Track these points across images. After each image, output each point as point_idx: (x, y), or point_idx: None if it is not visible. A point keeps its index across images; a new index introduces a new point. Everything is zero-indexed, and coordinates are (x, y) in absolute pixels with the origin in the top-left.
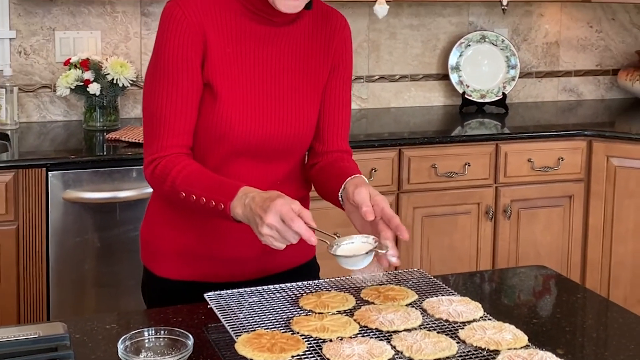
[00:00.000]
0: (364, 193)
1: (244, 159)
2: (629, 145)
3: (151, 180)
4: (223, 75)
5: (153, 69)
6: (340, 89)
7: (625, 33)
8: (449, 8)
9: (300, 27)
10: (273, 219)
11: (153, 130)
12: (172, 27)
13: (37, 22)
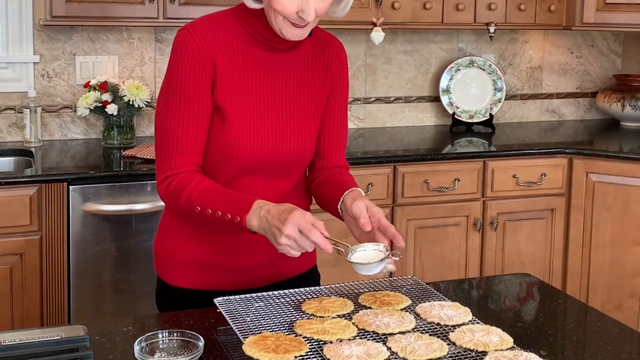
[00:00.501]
0: (362, 206)
1: (251, 175)
2: (607, 162)
3: (165, 196)
4: (231, 98)
5: (165, 92)
6: (338, 110)
7: (603, 58)
8: (440, 35)
9: (301, 53)
10: (291, 230)
11: (166, 149)
12: (184, 53)
13: (59, 47)
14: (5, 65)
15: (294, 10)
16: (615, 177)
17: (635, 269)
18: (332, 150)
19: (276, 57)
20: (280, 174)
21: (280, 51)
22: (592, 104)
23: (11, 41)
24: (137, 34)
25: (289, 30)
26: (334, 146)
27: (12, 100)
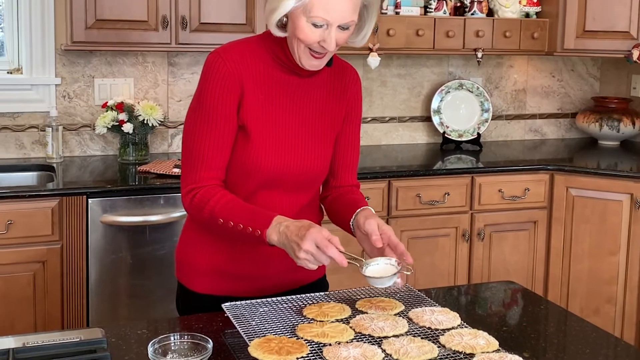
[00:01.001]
0: (374, 224)
1: (270, 190)
2: (585, 178)
3: (190, 207)
4: (255, 118)
5: (194, 110)
6: (351, 133)
7: (583, 82)
8: (432, 60)
9: (321, 79)
10: (309, 246)
11: (192, 163)
12: (214, 75)
13: (79, 70)
14: (29, 87)
15: (316, 40)
16: (593, 192)
17: (612, 276)
18: (345, 170)
19: (298, 81)
20: (296, 189)
21: (302, 76)
22: (572, 124)
23: (34, 65)
24: (151, 58)
25: (308, 60)
26: (346, 166)
27: (36, 119)
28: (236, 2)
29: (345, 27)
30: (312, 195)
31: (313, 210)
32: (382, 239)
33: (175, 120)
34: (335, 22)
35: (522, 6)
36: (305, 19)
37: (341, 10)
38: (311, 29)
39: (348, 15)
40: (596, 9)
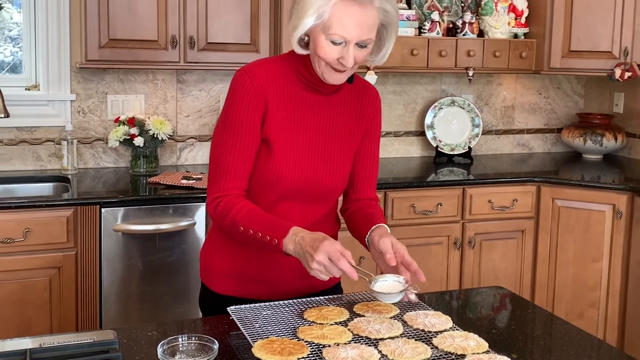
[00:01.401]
0: (388, 242)
1: (290, 201)
2: (570, 189)
3: (214, 214)
4: (278, 133)
5: (222, 124)
6: (370, 149)
7: (568, 99)
8: (426, 78)
9: (342, 97)
10: (322, 257)
11: (217, 173)
12: (241, 92)
13: (92, 87)
14: (46, 102)
15: (335, 57)
16: (578, 203)
17: (595, 282)
18: (364, 183)
19: (320, 99)
20: (315, 201)
21: (324, 94)
22: (557, 139)
23: (51, 82)
24: (161, 76)
25: (330, 74)
26: (365, 180)
27: (52, 133)
28: (241, 23)
29: (363, 45)
30: (329, 207)
31: (330, 221)
32: (396, 257)
33: (183, 135)
34: (353, 39)
35: (511, 27)
36: (325, 36)
37: (358, 29)
38: (330, 47)
39: (365, 33)
40: (580, 30)
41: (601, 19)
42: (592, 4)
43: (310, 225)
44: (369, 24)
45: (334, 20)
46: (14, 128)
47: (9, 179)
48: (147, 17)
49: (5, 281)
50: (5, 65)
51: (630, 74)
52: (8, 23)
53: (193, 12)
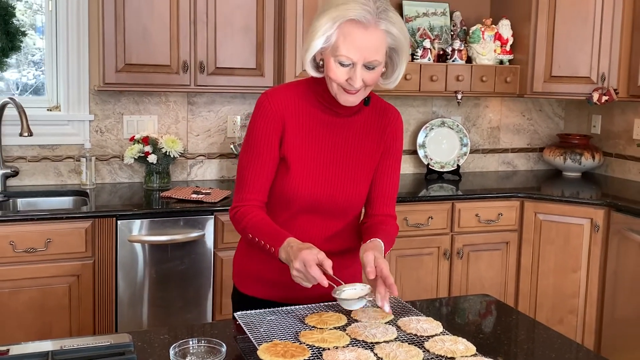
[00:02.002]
0: (370, 257)
1: (308, 215)
2: (551, 204)
3: (232, 220)
4: (295, 152)
5: (245, 142)
6: (388, 167)
7: (549, 120)
8: (418, 100)
9: (360, 119)
10: (298, 265)
11: (239, 186)
12: (261, 113)
13: (109, 108)
14: (67, 122)
15: (344, 78)
16: (558, 217)
17: (574, 291)
18: (380, 200)
19: (338, 120)
20: (333, 216)
21: (342, 116)
22: (539, 157)
23: (71, 103)
24: (173, 98)
25: (342, 96)
26: (381, 197)
27: (72, 150)
28: (247, 49)
29: (371, 66)
30: (347, 222)
31: (349, 235)
32: (376, 271)
33: (193, 152)
34: (359, 61)
35: (497, 54)
36: (333, 58)
37: (364, 50)
38: (339, 68)
39: (370, 54)
40: (561, 57)
41: (580, 47)
42: (572, 33)
43: (328, 238)
44: (374, 46)
45: (340, 42)
46: (37, 146)
47: (32, 192)
48: (161, 43)
49: (28, 288)
50: (29, 87)
51: (607, 97)
52: (31, 49)
53: (203, 39)
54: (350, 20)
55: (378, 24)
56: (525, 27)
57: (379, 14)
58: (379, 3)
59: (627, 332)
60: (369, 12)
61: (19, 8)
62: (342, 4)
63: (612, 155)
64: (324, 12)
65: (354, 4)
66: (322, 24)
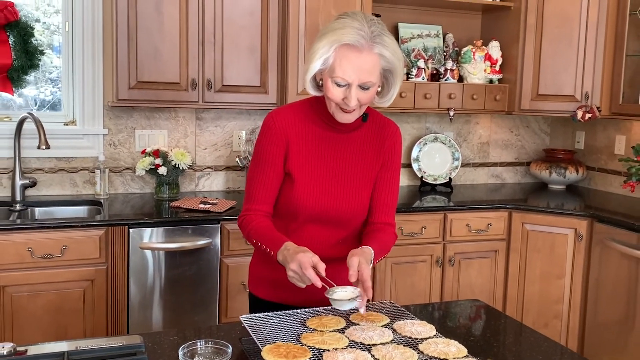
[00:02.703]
0: (355, 261)
1: (314, 224)
2: (537, 215)
3: (240, 226)
4: (299, 167)
5: (253, 158)
6: (387, 179)
7: (536, 136)
8: (412, 117)
9: (360, 135)
10: (294, 266)
11: (247, 197)
12: (267, 132)
13: (122, 123)
14: (82, 136)
15: (340, 97)
16: (544, 227)
17: (558, 297)
18: (379, 208)
19: (338, 136)
20: (335, 225)
21: (342, 132)
22: (526, 171)
23: (86, 118)
24: (182, 114)
25: (339, 114)
26: (380, 206)
27: (87, 163)
28: (252, 68)
29: (365, 87)
30: (350, 231)
31: (353, 242)
32: (358, 275)
33: (201, 165)
34: (354, 82)
35: (487, 74)
36: (330, 79)
37: (358, 72)
38: (335, 88)
39: (365, 76)
40: (547, 77)
41: (565, 68)
42: (557, 54)
43: (333, 245)
44: (367, 68)
45: (336, 64)
46: (53, 158)
47: (49, 202)
48: (171, 62)
49: (45, 292)
50: (46, 103)
51: (591, 115)
52: (49, 66)
53: (210, 59)
54: (346, 45)
55: (372, 48)
56: (513, 49)
57: (373, 38)
58: (374, 27)
59: (608, 335)
60: (363, 37)
61: (38, 28)
62: (339, 29)
63: (594, 169)
64: (323, 35)
65: (349, 29)
66: (321, 47)
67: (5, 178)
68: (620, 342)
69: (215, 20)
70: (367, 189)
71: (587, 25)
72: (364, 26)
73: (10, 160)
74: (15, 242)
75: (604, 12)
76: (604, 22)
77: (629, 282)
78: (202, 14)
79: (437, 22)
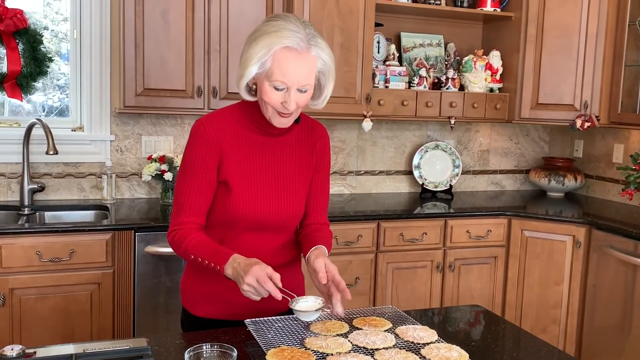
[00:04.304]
0: (321, 263)
1: (253, 232)
2: (536, 222)
3: (171, 244)
4: (234, 174)
5: (182, 166)
6: (319, 180)
7: (535, 144)
8: (414, 125)
9: (292, 136)
10: (251, 280)
11: (176, 210)
12: (197, 140)
13: (129, 129)
14: (89, 142)
15: (279, 101)
16: (542, 234)
17: (556, 302)
18: (315, 210)
19: (272, 140)
20: (275, 231)
21: (275, 135)
22: (526, 179)
23: (93, 124)
24: (188, 120)
25: (277, 119)
26: (316, 208)
27: (94, 168)
28: None
29: (303, 90)
30: (289, 236)
31: (292, 246)
32: (328, 276)
33: None
34: (293, 85)
35: (487, 83)
36: (268, 83)
37: (297, 75)
38: (274, 92)
39: (304, 79)
40: (547, 86)
41: (565, 77)
42: (557, 64)
43: (274, 251)
44: (306, 71)
45: (275, 68)
46: (61, 163)
47: (57, 206)
48: (177, 70)
49: (53, 294)
50: (54, 109)
51: (589, 124)
52: (57, 73)
53: (216, 67)
54: (285, 47)
55: (310, 50)
56: (514, 58)
57: (310, 40)
58: (309, 30)
59: (605, 340)
60: (301, 39)
61: (46, 36)
62: (275, 32)
63: (593, 177)
64: (258, 39)
65: (287, 32)
66: (257, 50)
67: (14, 183)
68: (617, 348)
69: (220, 29)
70: (304, 191)
71: (587, 36)
72: (299, 28)
73: (19, 165)
74: (23, 246)
75: (604, 23)
76: (604, 32)
77: (625, 288)
78: (207, 23)
79: (439, 31)
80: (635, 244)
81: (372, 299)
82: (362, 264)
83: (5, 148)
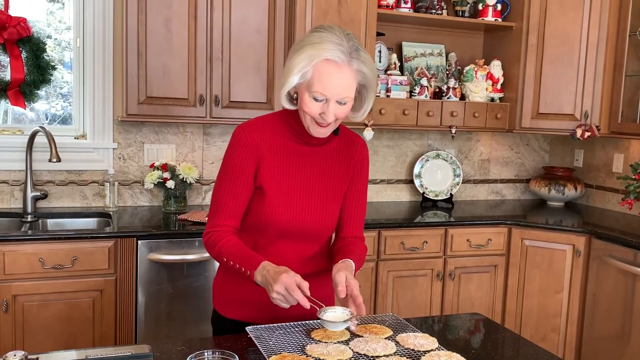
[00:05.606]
0: (342, 276)
1: (284, 240)
2: (536, 231)
3: (206, 244)
4: (271, 181)
5: (221, 170)
6: (356, 192)
7: (535, 154)
8: (415, 134)
9: (330, 148)
10: (280, 288)
11: (213, 212)
12: (237, 145)
13: (131, 137)
14: (92, 150)
15: (318, 112)
16: (543, 243)
17: (556, 311)
18: (349, 223)
19: (309, 150)
20: (307, 240)
21: (313, 145)
22: (526, 188)
23: (96, 132)
24: (190, 129)
25: (315, 128)
26: (350, 220)
27: (96, 176)
28: (259, 85)
29: (342, 102)
30: (321, 245)
31: (322, 257)
32: (347, 290)
33: (208, 179)
34: (333, 97)
35: (488, 92)
36: (308, 93)
37: (337, 88)
38: (313, 103)
39: (343, 92)
40: (548, 96)
41: (565, 87)
42: (557, 74)
43: (303, 260)
44: (346, 84)
45: (315, 79)
46: (64, 171)
47: (59, 214)
48: (179, 78)
49: (55, 301)
50: (57, 117)
51: (590, 133)
52: (60, 82)
53: (218, 75)
54: (326, 60)
55: (351, 64)
56: (515, 68)
57: (352, 54)
58: (352, 42)
59: (605, 349)
60: (342, 52)
61: (49, 44)
62: (317, 43)
63: (593, 187)
64: (301, 49)
65: (329, 44)
66: (299, 61)
67: (17, 190)
68: (616, 356)
69: (223, 38)
70: (338, 203)
71: (587, 46)
72: (343, 41)
73: (22, 173)
74: (26, 253)
75: (604, 33)
76: (604, 42)
77: (625, 297)
78: (210, 32)
79: (440, 41)
80: (635, 253)
81: (372, 306)
82: (363, 272)
83: (8, 155)
